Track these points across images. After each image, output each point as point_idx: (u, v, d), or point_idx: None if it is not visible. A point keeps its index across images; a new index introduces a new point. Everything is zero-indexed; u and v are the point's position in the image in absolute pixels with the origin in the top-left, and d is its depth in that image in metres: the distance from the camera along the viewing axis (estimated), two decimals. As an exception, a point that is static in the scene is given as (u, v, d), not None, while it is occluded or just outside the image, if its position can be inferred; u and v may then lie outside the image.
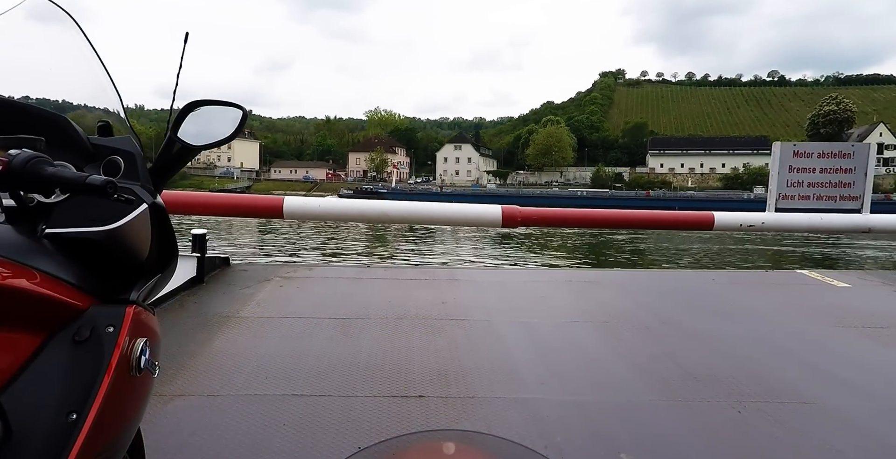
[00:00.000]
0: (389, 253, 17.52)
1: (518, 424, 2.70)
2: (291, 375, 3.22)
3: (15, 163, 0.94)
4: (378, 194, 66.28)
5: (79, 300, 1.05)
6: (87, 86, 1.32)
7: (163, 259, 1.31)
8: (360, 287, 5.68)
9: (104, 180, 0.97)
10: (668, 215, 6.08)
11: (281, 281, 5.64)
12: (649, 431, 2.69)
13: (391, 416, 2.74)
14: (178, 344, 3.61)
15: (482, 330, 4.24)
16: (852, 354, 3.92)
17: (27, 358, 0.94)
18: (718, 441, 2.61)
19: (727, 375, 3.41)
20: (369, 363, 3.46)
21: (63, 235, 1.09)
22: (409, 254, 17.21)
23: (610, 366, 3.57)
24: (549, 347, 3.88)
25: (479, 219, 5.31)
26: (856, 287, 6.19)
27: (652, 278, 7.75)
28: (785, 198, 5.70)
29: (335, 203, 5.22)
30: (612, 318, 4.67)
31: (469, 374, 3.34)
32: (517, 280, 6.60)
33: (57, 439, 0.92)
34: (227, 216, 5.57)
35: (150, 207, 1.23)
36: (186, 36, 1.35)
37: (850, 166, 5.73)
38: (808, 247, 21.52)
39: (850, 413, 2.92)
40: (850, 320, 4.73)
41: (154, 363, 1.18)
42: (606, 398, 3.07)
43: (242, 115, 1.43)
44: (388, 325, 4.25)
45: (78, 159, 1.18)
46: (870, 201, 5.72)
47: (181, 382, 3.05)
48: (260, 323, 4.23)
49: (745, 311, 5.12)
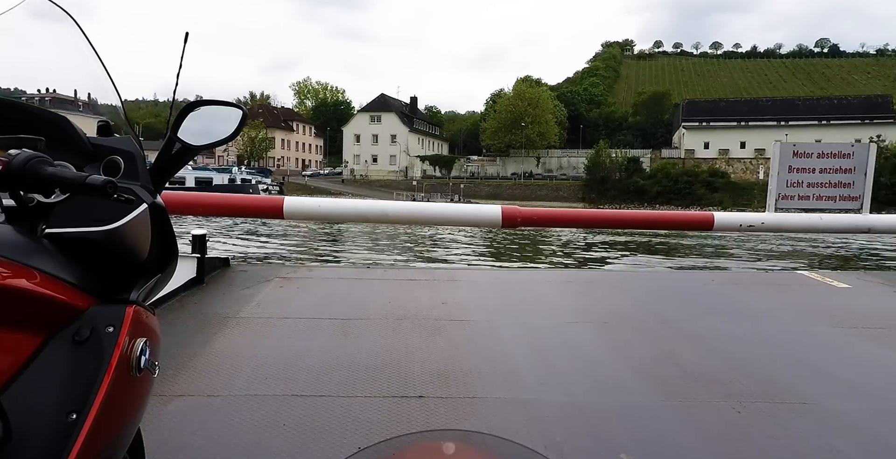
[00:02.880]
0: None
1: (518, 424, 2.71)
2: (291, 376, 3.22)
3: (15, 162, 0.94)
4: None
5: (79, 300, 1.05)
6: (87, 87, 1.32)
7: (163, 259, 1.31)
8: (361, 287, 5.68)
9: (104, 180, 0.96)
10: (668, 215, 6.10)
11: (281, 281, 5.64)
12: (649, 432, 2.69)
13: (391, 416, 2.74)
14: (178, 345, 3.60)
15: (482, 331, 4.24)
16: (852, 355, 3.92)
17: (27, 358, 0.94)
18: (718, 442, 2.61)
19: (727, 375, 3.41)
20: (369, 363, 3.46)
21: (63, 235, 1.09)
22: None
23: (610, 367, 3.57)
24: (549, 348, 3.89)
25: (478, 220, 5.31)
26: (856, 287, 6.19)
27: (651, 278, 7.76)
28: (785, 198, 5.70)
29: (335, 203, 5.22)
30: (612, 319, 4.68)
31: (469, 375, 3.34)
32: (517, 280, 6.61)
33: (57, 439, 0.92)
34: (226, 216, 5.58)
35: (150, 207, 1.23)
36: (186, 36, 1.36)
37: (850, 166, 5.73)
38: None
39: (850, 414, 2.91)
40: (850, 321, 4.72)
41: (154, 363, 1.18)
42: (606, 398, 3.07)
43: (242, 115, 1.43)
44: (389, 326, 4.25)
45: (78, 159, 1.17)
46: (870, 201, 5.72)
47: (181, 382, 3.05)
48: (260, 323, 4.23)
49: (744, 312, 5.12)
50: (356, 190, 76.00)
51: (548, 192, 75.00)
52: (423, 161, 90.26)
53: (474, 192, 73.58)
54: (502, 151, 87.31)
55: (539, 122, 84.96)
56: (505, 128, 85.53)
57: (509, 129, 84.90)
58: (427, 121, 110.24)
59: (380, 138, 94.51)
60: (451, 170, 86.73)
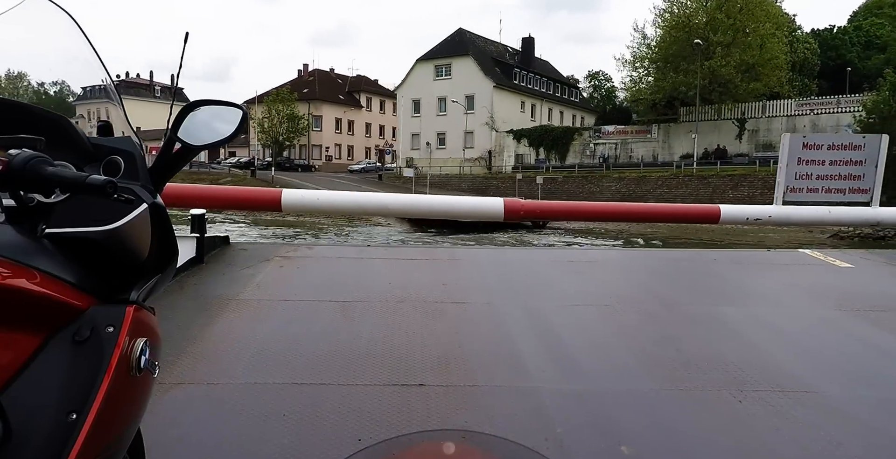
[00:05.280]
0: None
1: (519, 414, 2.71)
2: (292, 362, 3.22)
3: (15, 162, 0.94)
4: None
5: (79, 300, 1.06)
6: (86, 86, 1.32)
7: (163, 259, 1.31)
8: (361, 267, 5.68)
9: (104, 180, 0.96)
10: (674, 208, 6.12)
11: (281, 261, 5.63)
12: (650, 421, 2.69)
13: (391, 406, 2.73)
14: (177, 329, 3.59)
15: (483, 314, 4.24)
16: (854, 340, 3.91)
17: (27, 358, 0.95)
18: (718, 432, 2.61)
19: (728, 361, 3.41)
20: (370, 349, 3.45)
21: (63, 235, 1.09)
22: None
23: (611, 353, 3.57)
24: (550, 332, 3.88)
25: (480, 212, 5.37)
26: (858, 267, 6.17)
27: (653, 258, 7.75)
28: (793, 190, 5.68)
29: (333, 196, 5.28)
30: (614, 301, 4.67)
31: (470, 361, 3.34)
32: (518, 259, 6.60)
33: (57, 439, 0.93)
34: (224, 209, 5.63)
35: (150, 207, 1.23)
36: (186, 36, 1.36)
37: (860, 158, 5.69)
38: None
39: (852, 402, 2.91)
40: (852, 302, 4.71)
41: (154, 363, 1.19)
42: (607, 386, 3.07)
43: (243, 115, 1.43)
44: (389, 309, 4.25)
45: (78, 159, 1.17)
46: (879, 194, 5.68)
47: (180, 370, 3.04)
48: (260, 306, 4.23)
49: (746, 293, 5.12)
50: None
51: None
52: (519, 139, 53.03)
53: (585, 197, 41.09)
54: (663, 115, 47.59)
55: (747, 46, 42.08)
56: (672, 65, 43.96)
57: (677, 66, 43.64)
58: (546, 76, 64.29)
59: (448, 108, 56.07)
60: (565, 152, 50.79)
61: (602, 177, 44.56)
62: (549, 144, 51.71)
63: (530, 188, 40.38)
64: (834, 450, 2.47)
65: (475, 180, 50.58)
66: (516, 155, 53.28)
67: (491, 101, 54.71)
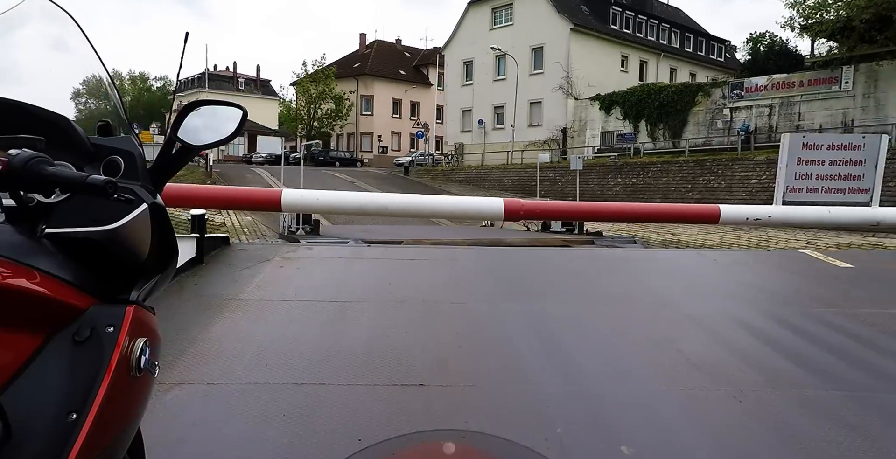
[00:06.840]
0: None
1: (518, 415, 2.70)
2: (291, 362, 3.22)
3: (15, 162, 0.94)
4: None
5: (79, 300, 1.05)
6: (87, 86, 1.31)
7: (163, 259, 1.31)
8: (360, 267, 5.68)
9: (104, 180, 0.97)
10: (674, 208, 6.11)
11: (281, 261, 5.63)
12: (650, 421, 2.69)
13: (391, 406, 2.73)
14: (177, 330, 3.59)
15: (481, 314, 4.24)
16: (854, 339, 3.90)
17: (27, 358, 0.95)
18: (718, 432, 2.61)
19: (728, 362, 3.41)
20: (369, 349, 3.45)
21: (63, 235, 1.09)
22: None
23: (611, 353, 3.57)
24: (549, 332, 3.88)
25: (480, 212, 5.35)
26: (858, 267, 6.18)
27: (654, 257, 7.76)
28: (793, 190, 5.67)
29: (334, 196, 5.24)
30: (614, 301, 4.67)
31: (469, 361, 3.33)
32: (517, 259, 6.59)
33: (57, 439, 0.93)
34: (224, 209, 5.60)
35: (150, 207, 1.22)
36: (186, 36, 1.35)
37: (860, 158, 5.68)
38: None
39: (852, 402, 2.90)
40: (851, 303, 4.72)
41: (154, 363, 1.19)
42: (607, 386, 3.06)
43: (243, 115, 1.43)
44: (388, 309, 4.25)
45: (78, 159, 1.17)
46: (879, 194, 5.68)
47: (180, 370, 3.04)
48: (260, 306, 4.23)
49: (746, 294, 5.12)
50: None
51: None
52: (608, 108, 33.64)
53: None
54: (867, 45, 23.82)
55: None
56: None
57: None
58: (671, 23, 44.08)
59: (508, 67, 38.24)
60: (682, 124, 30.60)
61: (733, 160, 24.34)
62: (653, 114, 31.62)
63: (602, 182, 27.62)
64: (833, 450, 2.46)
65: (524, 173, 32.11)
66: (602, 133, 34.15)
67: (567, 52, 35.45)
